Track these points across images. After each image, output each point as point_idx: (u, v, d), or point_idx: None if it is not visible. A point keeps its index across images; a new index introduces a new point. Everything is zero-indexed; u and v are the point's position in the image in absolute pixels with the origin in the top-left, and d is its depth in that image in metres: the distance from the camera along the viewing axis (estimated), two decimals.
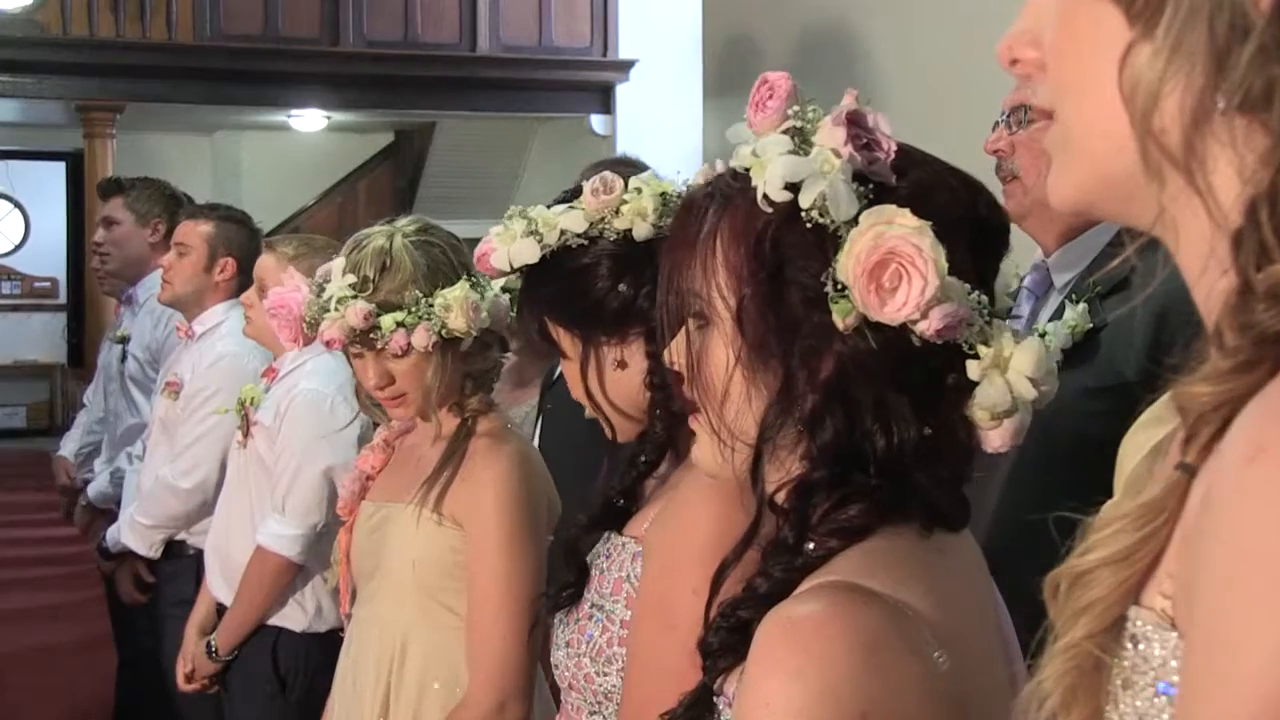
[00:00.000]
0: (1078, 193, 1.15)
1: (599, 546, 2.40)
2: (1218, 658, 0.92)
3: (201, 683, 4.67)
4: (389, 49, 15.86)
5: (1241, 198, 1.00)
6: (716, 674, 1.67)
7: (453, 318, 3.14)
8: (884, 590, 1.53)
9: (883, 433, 1.65)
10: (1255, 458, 0.91)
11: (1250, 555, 0.91)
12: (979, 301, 1.66)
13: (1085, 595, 1.08)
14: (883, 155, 1.69)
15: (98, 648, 7.64)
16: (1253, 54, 0.98)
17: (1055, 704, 1.09)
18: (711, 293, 1.71)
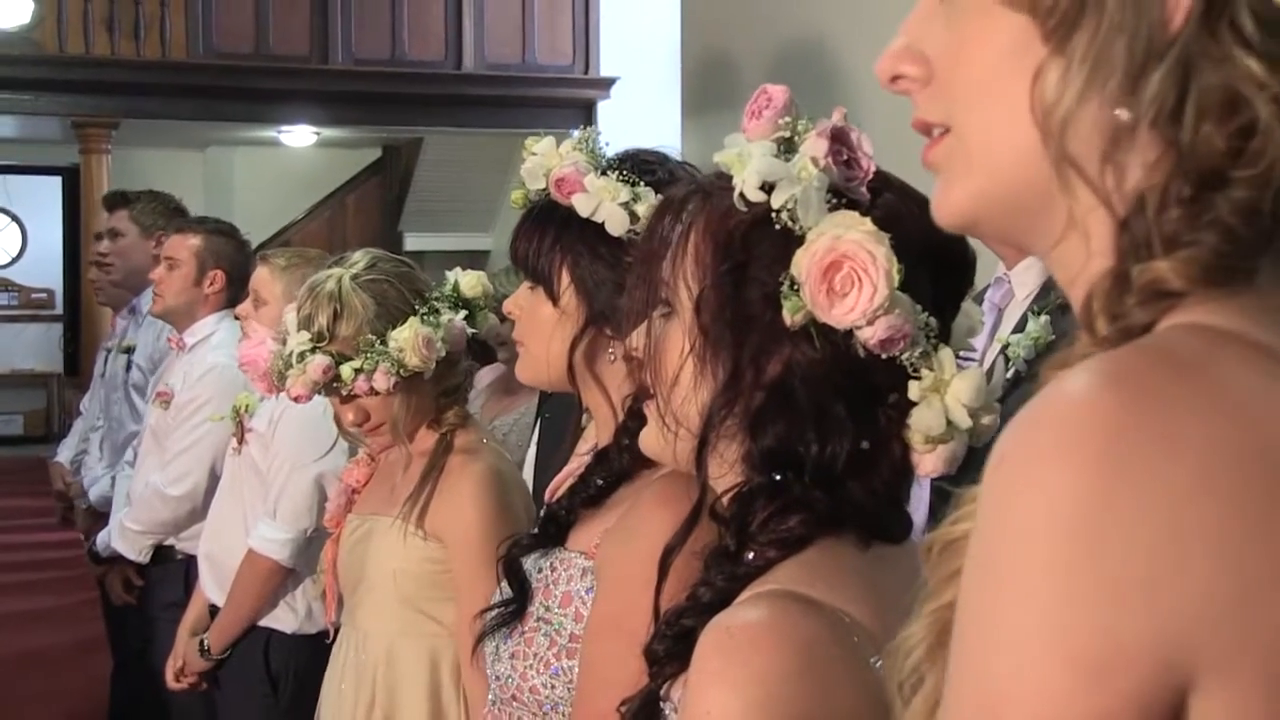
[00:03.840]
0: (973, 205, 1.14)
1: (540, 560, 2.39)
2: (961, 642, 0.97)
3: (191, 680, 4.67)
4: (377, 67, 15.88)
5: (1133, 201, 1.02)
6: (662, 680, 1.67)
7: (407, 356, 3.19)
8: (823, 599, 1.54)
9: (819, 439, 1.64)
10: (1000, 463, 0.94)
11: (977, 556, 0.96)
12: (926, 323, 1.65)
13: (954, 562, 1.08)
14: (860, 174, 1.70)
15: (92, 650, 7.64)
16: (1166, 72, 1.00)
17: (919, 657, 1.11)
18: (677, 282, 1.71)
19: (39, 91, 15.17)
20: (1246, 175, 0.99)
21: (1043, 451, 0.92)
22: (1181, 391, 0.94)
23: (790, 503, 1.64)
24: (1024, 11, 1.05)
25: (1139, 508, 0.89)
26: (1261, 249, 1.01)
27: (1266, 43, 0.99)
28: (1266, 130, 0.98)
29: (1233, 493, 0.91)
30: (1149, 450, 0.91)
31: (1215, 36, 0.99)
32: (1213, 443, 0.92)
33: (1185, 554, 0.89)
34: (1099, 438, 0.91)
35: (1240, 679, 0.90)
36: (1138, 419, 0.91)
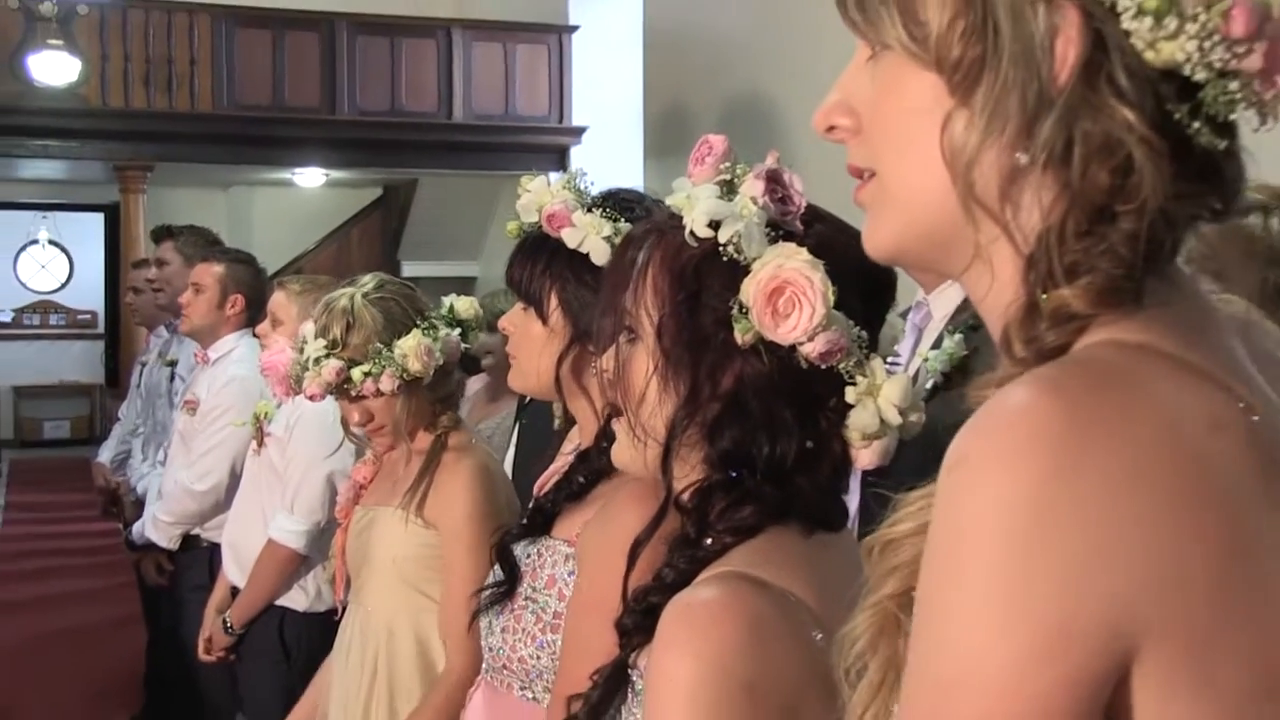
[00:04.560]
0: (896, 240, 1.17)
1: (528, 547, 2.41)
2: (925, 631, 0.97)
3: (218, 654, 4.68)
4: (378, 117, 15.84)
5: (1034, 237, 1.05)
6: (630, 650, 1.68)
7: (410, 362, 3.22)
8: (771, 579, 1.54)
9: (769, 441, 1.65)
10: (957, 465, 0.95)
11: (938, 548, 0.96)
12: (859, 337, 1.66)
13: (893, 559, 1.10)
14: (794, 209, 1.72)
15: (129, 626, 7.60)
16: (1055, 120, 1.02)
17: (863, 647, 1.11)
18: (640, 310, 1.71)
19: (85, 139, 15.15)
20: (1128, 209, 1.02)
21: (997, 453, 0.94)
22: (1112, 399, 0.96)
23: (744, 496, 1.65)
24: (934, 70, 1.08)
25: (1083, 501, 0.91)
26: (1149, 271, 1.03)
27: (1137, 94, 1.01)
28: (1141, 169, 1.01)
29: (1161, 485, 0.93)
30: (1089, 451, 0.92)
31: (1095, 90, 1.02)
32: (1142, 443, 0.94)
33: (1125, 539, 0.91)
34: (1045, 441, 0.92)
35: (1174, 645, 0.92)
36: (1077, 424, 0.93)
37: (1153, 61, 1.01)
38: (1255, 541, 0.96)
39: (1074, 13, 1.01)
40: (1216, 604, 0.94)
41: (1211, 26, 0.98)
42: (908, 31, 1.09)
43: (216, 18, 15.24)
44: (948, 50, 1.06)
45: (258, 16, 15.55)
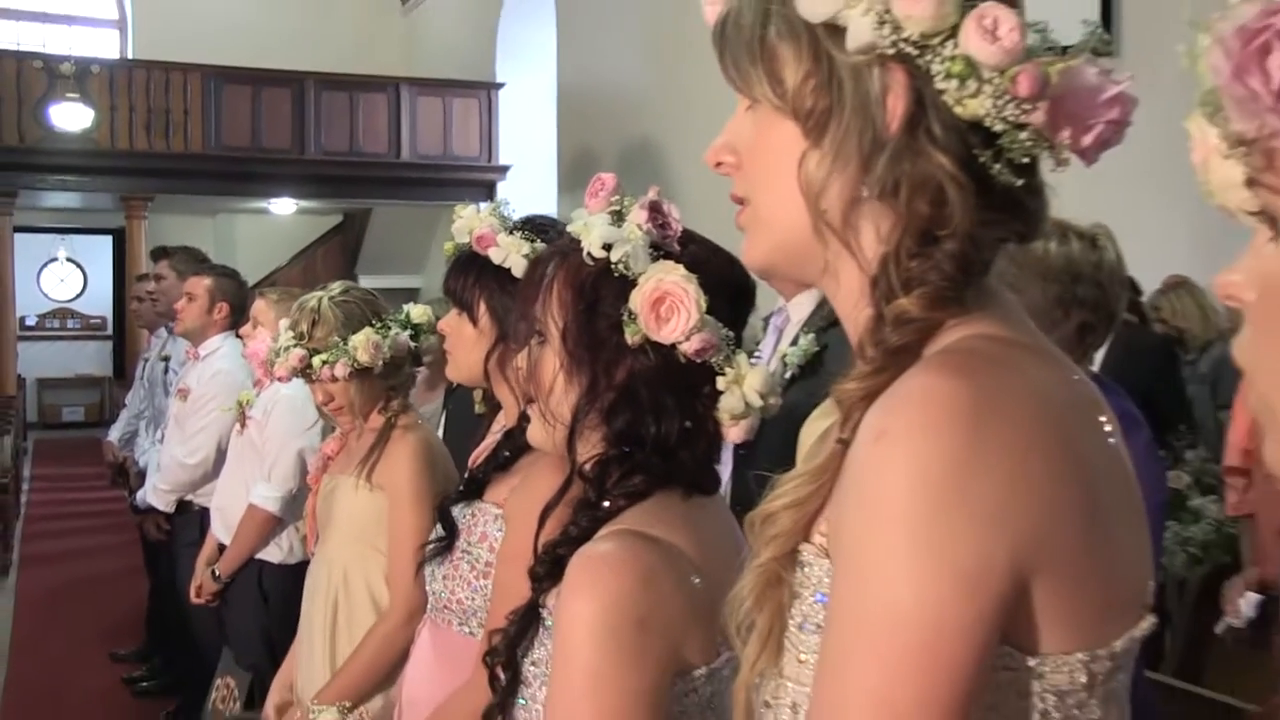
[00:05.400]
0: (766, 256, 1.18)
1: (464, 509, 2.43)
2: (851, 579, 0.96)
3: (207, 598, 4.67)
4: (340, 156, 15.97)
5: (878, 255, 1.07)
6: (542, 593, 1.68)
7: (359, 354, 3.20)
8: (658, 535, 1.53)
9: (655, 422, 1.66)
10: (879, 438, 0.95)
11: (868, 508, 0.95)
12: (727, 336, 1.66)
13: (772, 529, 1.09)
14: (672, 233, 1.72)
15: (133, 576, 7.61)
16: (887, 161, 1.05)
17: (750, 605, 1.10)
18: (548, 318, 1.71)
19: (96, 175, 15.26)
20: (946, 233, 1.06)
21: (916, 426, 0.95)
22: (1002, 380, 0.99)
23: (635, 467, 1.65)
24: (793, 119, 1.10)
25: (988, 465, 0.94)
26: (968, 283, 1.07)
27: (949, 141, 1.05)
28: (953, 202, 1.05)
29: (1043, 450, 0.97)
30: (990, 424, 0.95)
31: (916, 137, 1.05)
32: (1028, 416, 0.97)
33: (1021, 495, 0.94)
34: (957, 415, 0.94)
35: (1054, 576, 0.96)
36: (980, 401, 0.96)
37: (961, 115, 1.04)
38: (1102, 487, 1.02)
39: (901, 75, 1.05)
40: (1082, 542, 0.98)
41: (1003, 88, 1.02)
42: (772, 88, 1.11)
43: (206, 75, 15.43)
44: (802, 103, 1.09)
45: (239, 75, 15.70)
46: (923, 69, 1.04)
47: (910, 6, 1.02)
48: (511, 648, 1.73)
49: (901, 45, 1.04)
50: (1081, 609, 0.99)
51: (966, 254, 1.06)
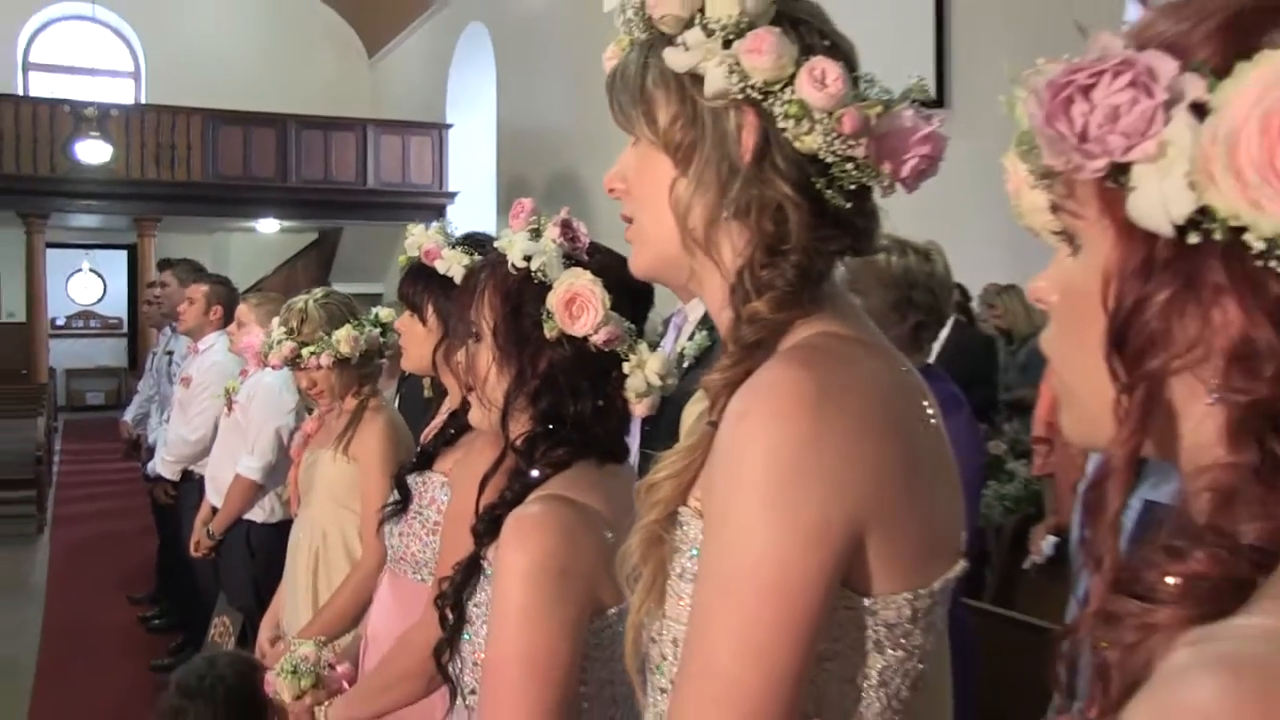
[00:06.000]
0: (647, 265, 1.18)
1: (417, 478, 2.41)
2: (718, 536, 0.96)
3: (204, 552, 4.62)
4: (316, 184, 15.90)
5: (735, 266, 1.08)
6: (482, 547, 1.66)
7: (342, 346, 3.18)
8: (577, 498, 1.52)
9: (573, 402, 1.65)
10: (741, 419, 0.96)
11: (732, 478, 0.95)
12: (629, 329, 1.66)
13: (655, 495, 1.09)
14: (581, 245, 1.72)
15: (145, 534, 7.51)
16: (741, 185, 1.07)
17: (637, 559, 1.10)
18: (481, 320, 1.70)
19: (114, 200, 15.22)
20: (788, 248, 1.07)
21: (771, 410, 0.95)
22: (841, 371, 0.99)
23: (558, 441, 1.64)
24: (665, 153, 1.11)
25: (829, 442, 0.94)
26: (809, 288, 1.07)
27: (789, 171, 1.06)
28: (793, 221, 1.06)
29: (874, 429, 0.97)
30: (830, 409, 0.95)
31: (763, 167, 1.06)
32: (861, 402, 0.98)
33: (855, 466, 0.95)
34: (804, 401, 0.94)
35: (881, 530, 0.97)
36: (822, 390, 0.96)
37: (800, 149, 1.06)
38: (923, 459, 1.02)
39: (752, 115, 1.06)
40: (903, 500, 0.98)
41: (831, 127, 1.04)
42: (649, 127, 1.12)
43: (205, 117, 15.43)
44: (672, 138, 1.11)
45: (233, 116, 15.63)
46: (768, 111, 1.05)
47: (755, 60, 1.04)
48: (458, 592, 1.72)
49: (748, 91, 1.05)
50: (906, 557, 0.99)
51: (806, 265, 1.06)
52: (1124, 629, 0.64)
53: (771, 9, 1.07)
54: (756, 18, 1.06)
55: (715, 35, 1.06)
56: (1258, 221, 0.60)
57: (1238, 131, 0.60)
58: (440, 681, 1.82)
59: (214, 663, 2.55)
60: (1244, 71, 0.61)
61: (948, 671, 1.31)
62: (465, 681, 1.73)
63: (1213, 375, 0.65)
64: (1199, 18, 0.66)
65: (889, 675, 1.01)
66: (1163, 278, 0.65)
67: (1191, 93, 0.63)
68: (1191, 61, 0.64)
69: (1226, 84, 0.62)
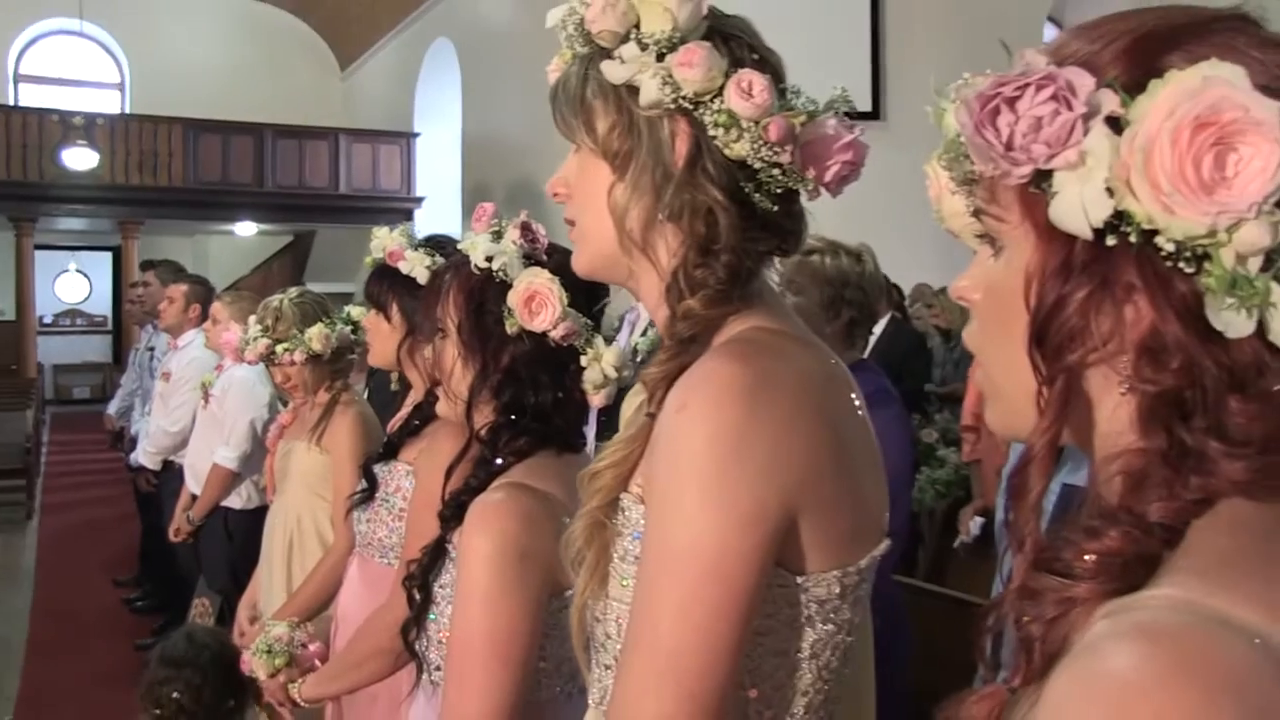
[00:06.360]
0: (588, 265, 1.18)
1: (383, 467, 2.39)
2: (659, 521, 0.96)
3: (184, 537, 4.56)
4: (291, 189, 15.76)
5: (670, 266, 1.08)
6: (448, 531, 1.66)
7: (314, 343, 3.14)
8: (537, 486, 1.52)
9: (534, 394, 1.64)
10: (679, 410, 0.95)
11: (671, 465, 0.95)
12: (587, 324, 1.65)
13: (598, 483, 1.08)
14: (540, 246, 1.71)
15: (128, 519, 7.45)
16: (674, 189, 1.06)
17: (581, 544, 1.09)
18: (446, 318, 1.69)
19: (99, 204, 15.03)
20: (719, 248, 1.06)
21: (708, 401, 0.94)
22: (772, 365, 0.98)
23: (520, 431, 1.63)
24: (604, 159, 1.11)
25: (763, 430, 0.93)
26: (740, 286, 1.07)
27: (719, 176, 1.06)
28: (723, 225, 1.06)
29: (805, 418, 0.97)
30: (763, 399, 0.94)
31: (695, 173, 1.06)
32: (792, 392, 0.97)
33: (787, 453, 0.94)
34: (738, 392, 0.94)
35: (813, 513, 0.96)
36: (755, 381, 0.95)
37: (730, 155, 1.05)
38: (851, 446, 1.02)
39: (685, 124, 1.06)
40: (832, 484, 0.98)
41: (758, 135, 1.04)
42: (588, 135, 1.12)
43: (187, 126, 15.30)
44: (610, 146, 1.10)
45: (213, 125, 15.48)
46: (699, 120, 1.05)
47: (686, 72, 1.04)
48: (424, 574, 1.71)
49: (680, 101, 1.05)
50: (835, 538, 1.00)
51: (736, 264, 1.06)
52: (1045, 604, 0.65)
53: (703, 25, 1.08)
54: (688, 33, 1.06)
55: (649, 49, 1.06)
56: (1170, 225, 0.61)
57: (1152, 143, 0.61)
58: (407, 659, 1.81)
59: (194, 635, 2.51)
60: (1157, 88, 0.62)
61: (870, 642, 1.33)
62: (431, 659, 1.72)
63: (1125, 367, 0.67)
64: (1109, 39, 0.68)
65: (820, 648, 1.02)
66: (1081, 277, 0.66)
67: (1108, 106, 0.64)
68: (1104, 78, 0.65)
69: (1141, 99, 0.63)
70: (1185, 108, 0.60)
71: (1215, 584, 0.59)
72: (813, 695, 1.02)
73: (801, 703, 1.02)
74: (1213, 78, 0.60)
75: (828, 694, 1.04)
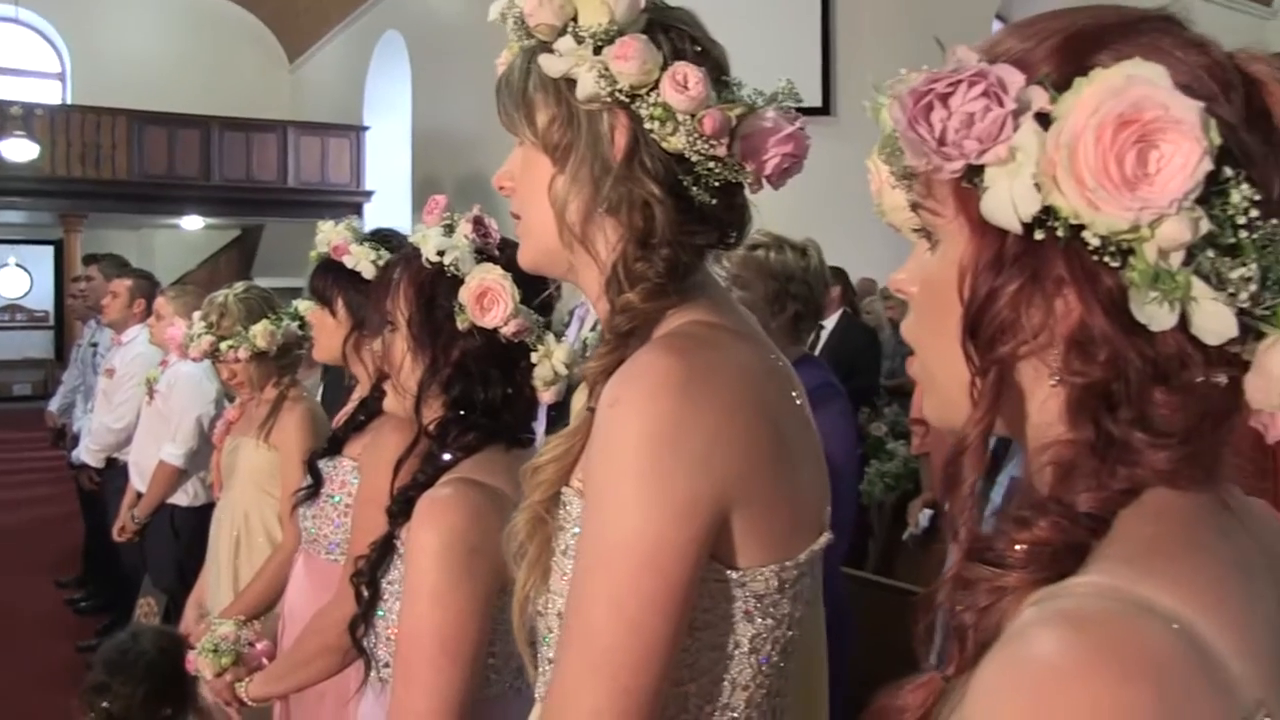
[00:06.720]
0: (532, 259, 1.17)
1: (328, 463, 2.37)
2: (595, 514, 0.96)
3: (129, 535, 4.51)
4: (238, 183, 15.52)
5: (610, 260, 1.08)
6: (396, 527, 1.65)
7: (259, 340, 3.12)
8: (486, 481, 1.52)
9: (484, 390, 1.64)
10: (614, 404, 0.95)
11: (607, 458, 0.95)
12: (538, 321, 1.65)
13: (539, 477, 1.09)
14: (492, 241, 1.70)
15: (71, 519, 7.31)
16: (612, 182, 1.06)
17: (523, 538, 1.09)
18: (396, 311, 1.68)
19: (40, 197, 14.67)
20: (656, 241, 1.06)
21: (642, 394, 0.93)
22: (709, 357, 0.98)
23: (469, 427, 1.63)
24: (544, 153, 1.11)
25: (697, 423, 0.93)
26: (679, 280, 1.07)
27: (657, 169, 1.06)
28: (660, 218, 1.06)
29: (742, 412, 0.96)
30: (698, 392, 0.94)
31: (633, 166, 1.06)
32: (729, 385, 0.97)
33: (723, 446, 0.94)
34: (673, 386, 0.93)
35: (750, 507, 0.96)
36: (690, 374, 0.94)
37: (667, 148, 1.05)
38: (790, 440, 1.01)
39: (624, 117, 1.06)
40: (772, 481, 0.98)
41: (694, 128, 1.04)
42: (530, 129, 1.12)
43: (131, 118, 14.97)
44: (550, 139, 1.10)
45: (158, 117, 15.18)
46: (636, 113, 1.05)
47: (622, 65, 1.04)
48: (373, 570, 1.70)
49: (617, 94, 1.05)
50: (773, 532, 0.99)
51: (674, 258, 1.06)
52: (978, 593, 0.66)
53: (642, 18, 1.08)
54: (626, 25, 1.06)
55: (586, 43, 1.06)
56: (1094, 221, 0.62)
57: (1076, 140, 0.62)
58: (355, 656, 1.80)
59: (137, 638, 2.49)
60: (1081, 86, 0.64)
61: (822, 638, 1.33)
62: (379, 655, 1.72)
63: (1055, 360, 0.68)
64: (1041, 37, 0.69)
65: (759, 643, 1.02)
66: (1012, 271, 0.67)
67: (1037, 103, 0.65)
68: (1036, 75, 0.66)
69: (1067, 96, 0.64)
70: (1108, 106, 0.61)
71: (1140, 571, 0.61)
72: (754, 690, 1.02)
73: (742, 697, 1.02)
74: (1135, 77, 0.61)
75: (770, 688, 1.04)
